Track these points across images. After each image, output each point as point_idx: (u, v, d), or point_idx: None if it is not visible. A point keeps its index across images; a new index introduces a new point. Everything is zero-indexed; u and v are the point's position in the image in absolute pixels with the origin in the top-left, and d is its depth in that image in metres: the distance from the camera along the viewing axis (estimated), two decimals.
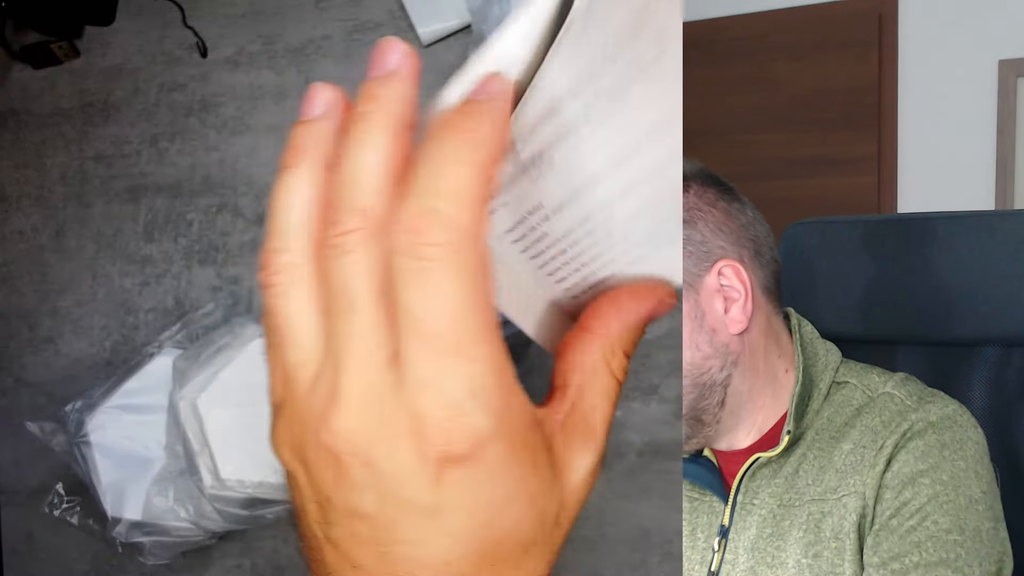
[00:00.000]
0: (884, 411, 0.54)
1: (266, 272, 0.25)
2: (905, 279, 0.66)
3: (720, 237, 0.54)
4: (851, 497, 0.52)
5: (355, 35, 0.82)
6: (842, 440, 0.54)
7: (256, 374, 0.67)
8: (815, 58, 1.65)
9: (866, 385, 0.56)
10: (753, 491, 0.55)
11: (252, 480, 0.64)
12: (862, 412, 0.55)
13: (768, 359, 0.56)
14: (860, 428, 0.54)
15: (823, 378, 0.56)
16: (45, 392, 0.75)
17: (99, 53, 0.82)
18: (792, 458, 0.55)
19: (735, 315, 0.54)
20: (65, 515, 0.68)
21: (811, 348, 0.57)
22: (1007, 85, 1.52)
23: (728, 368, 0.54)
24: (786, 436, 0.54)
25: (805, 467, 0.54)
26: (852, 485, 0.52)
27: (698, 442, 0.56)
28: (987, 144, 1.55)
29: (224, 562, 0.71)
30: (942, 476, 0.50)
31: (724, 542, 0.55)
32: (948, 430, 0.52)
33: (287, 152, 0.26)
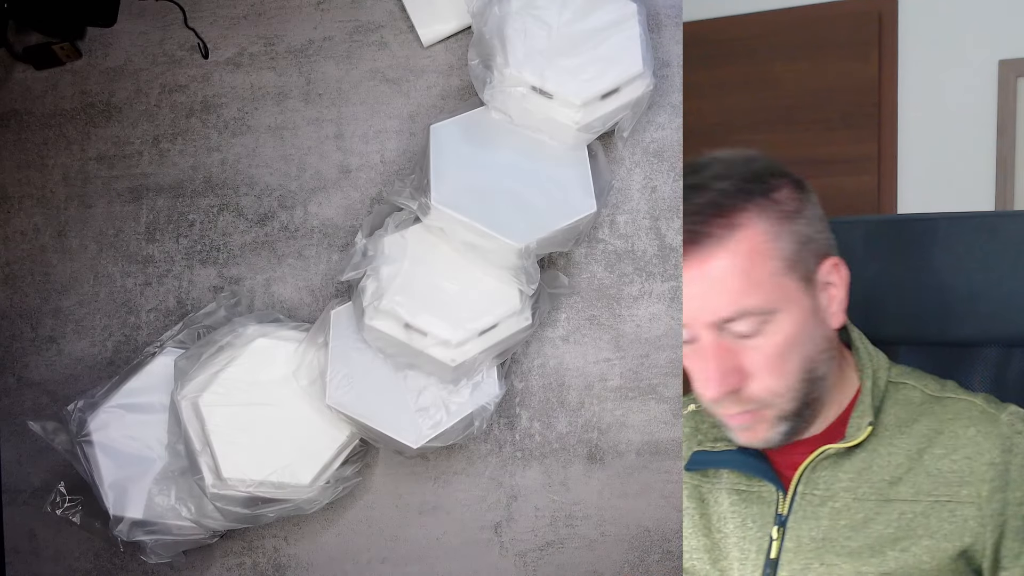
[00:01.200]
0: (973, 420, 0.54)
1: None
2: (906, 279, 0.66)
3: (822, 233, 0.54)
4: (961, 505, 0.52)
5: (356, 36, 0.82)
6: (932, 443, 0.54)
7: (257, 373, 0.67)
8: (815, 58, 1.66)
9: (924, 385, 0.56)
10: (815, 482, 0.55)
11: (253, 479, 0.64)
12: (935, 413, 0.55)
13: (844, 354, 0.57)
14: (950, 435, 0.54)
15: (880, 376, 0.57)
16: (47, 391, 0.75)
17: (101, 54, 0.82)
18: (861, 452, 0.55)
19: (836, 310, 0.54)
20: (67, 514, 0.69)
21: (866, 348, 0.58)
22: (1007, 85, 1.52)
23: (829, 362, 0.54)
24: (868, 427, 0.54)
25: (879, 463, 0.54)
26: (967, 495, 0.52)
27: (796, 437, 0.55)
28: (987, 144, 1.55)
29: (225, 560, 0.71)
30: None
31: (783, 531, 0.55)
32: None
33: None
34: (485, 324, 0.66)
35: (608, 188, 0.76)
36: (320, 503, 0.66)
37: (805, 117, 1.65)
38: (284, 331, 0.70)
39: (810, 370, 0.53)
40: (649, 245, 0.76)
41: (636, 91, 0.72)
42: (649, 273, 0.75)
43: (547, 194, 0.70)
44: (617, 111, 0.72)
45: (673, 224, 0.77)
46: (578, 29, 0.72)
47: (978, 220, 0.64)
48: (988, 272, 0.64)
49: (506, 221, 0.66)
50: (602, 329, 0.75)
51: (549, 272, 0.72)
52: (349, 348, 0.67)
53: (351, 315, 0.68)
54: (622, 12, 0.73)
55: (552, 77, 0.70)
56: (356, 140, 0.79)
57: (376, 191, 0.78)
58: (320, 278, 0.76)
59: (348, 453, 0.68)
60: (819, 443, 0.55)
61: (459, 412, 0.66)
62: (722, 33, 1.71)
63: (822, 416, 0.56)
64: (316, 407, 0.67)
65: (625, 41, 0.72)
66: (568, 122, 0.71)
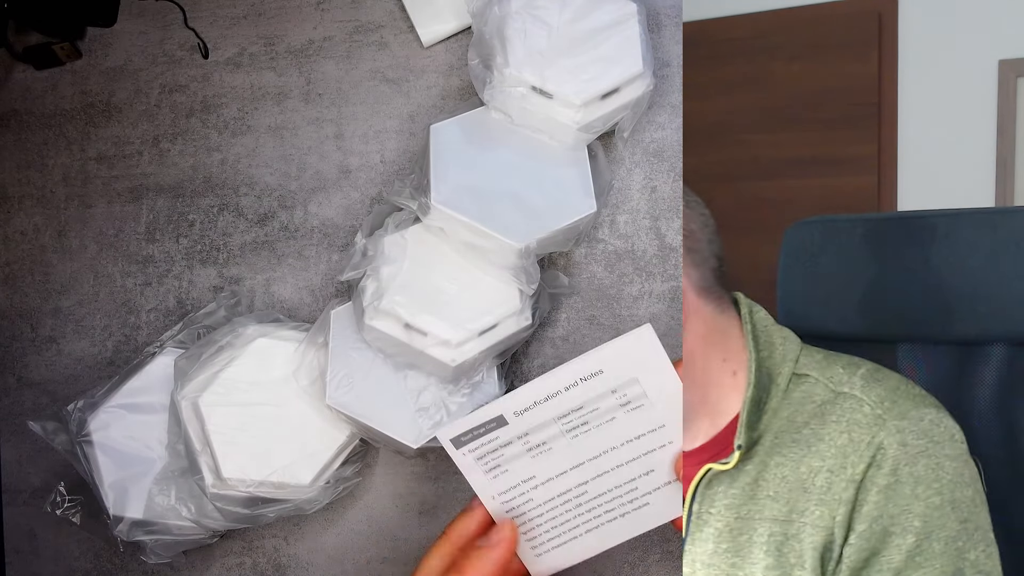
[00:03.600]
0: (852, 424, 0.47)
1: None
2: (906, 278, 0.66)
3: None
4: (817, 530, 0.46)
5: (356, 36, 0.82)
6: (809, 453, 0.48)
7: (257, 373, 0.67)
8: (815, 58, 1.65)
9: (828, 378, 0.50)
10: (710, 499, 0.50)
11: (253, 479, 0.64)
12: (825, 415, 0.48)
13: (708, 367, 0.50)
14: (828, 442, 0.47)
15: (781, 371, 0.50)
16: (47, 391, 0.75)
17: (101, 54, 0.82)
18: (751, 465, 0.49)
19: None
20: (67, 514, 0.69)
21: (765, 339, 0.51)
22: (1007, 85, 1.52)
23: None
24: (738, 451, 0.48)
25: (767, 476, 0.48)
26: (819, 517, 0.47)
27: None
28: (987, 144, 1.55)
29: (225, 561, 0.71)
30: (914, 523, 0.45)
31: (682, 553, 0.51)
32: (922, 456, 0.46)
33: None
34: (485, 324, 0.66)
35: (608, 188, 0.76)
36: (320, 503, 0.66)
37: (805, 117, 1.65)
38: (284, 331, 0.70)
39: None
40: (649, 245, 0.76)
41: (636, 91, 0.72)
42: (649, 273, 0.75)
43: (547, 194, 0.70)
44: (617, 111, 0.72)
45: (673, 224, 0.77)
46: (578, 29, 0.72)
47: (978, 217, 0.64)
48: (989, 269, 0.63)
49: (506, 221, 0.66)
50: (602, 329, 0.75)
51: (549, 272, 0.72)
52: (349, 348, 0.67)
53: (351, 315, 0.68)
54: (622, 12, 0.73)
55: (552, 77, 0.70)
56: (356, 140, 0.79)
57: (376, 191, 0.78)
58: (320, 278, 0.76)
59: (348, 453, 0.68)
60: (708, 453, 0.50)
61: (459, 412, 0.66)
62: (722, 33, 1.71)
63: (689, 432, 0.51)
64: (316, 407, 0.67)
65: (625, 41, 0.72)
66: (568, 122, 0.71)
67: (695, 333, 0.50)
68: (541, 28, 0.71)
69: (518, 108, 0.71)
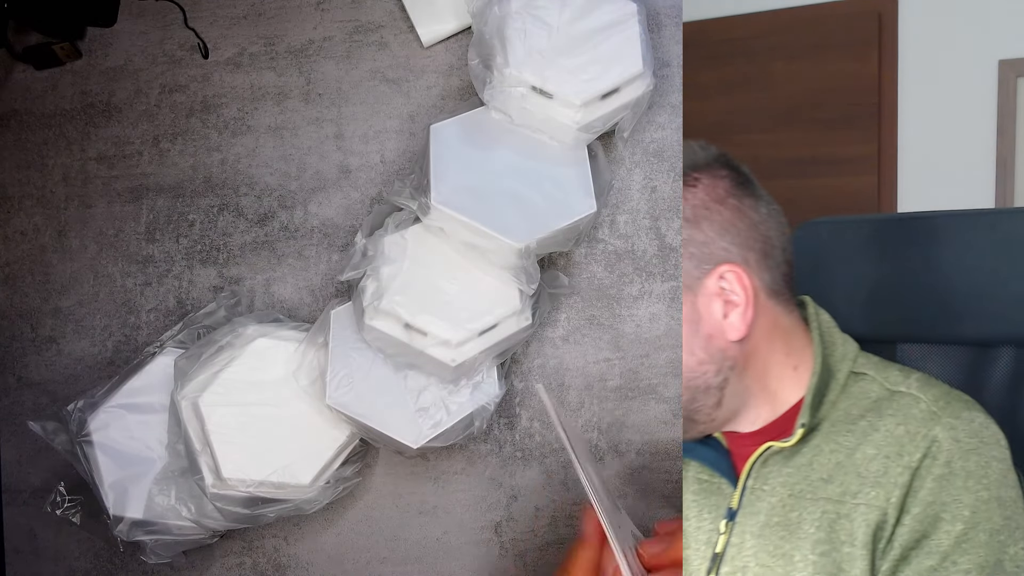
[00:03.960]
0: (909, 418, 0.52)
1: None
2: (911, 278, 0.66)
3: (725, 238, 0.51)
4: (871, 510, 0.50)
5: (356, 36, 0.82)
6: (864, 441, 0.52)
7: (257, 373, 0.67)
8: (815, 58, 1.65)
9: (884, 377, 0.54)
10: (764, 476, 0.54)
11: (253, 479, 0.64)
12: (882, 409, 0.53)
13: (770, 361, 0.54)
14: (884, 432, 0.52)
15: (841, 368, 0.54)
16: (47, 391, 0.75)
17: (101, 54, 0.82)
18: (806, 448, 0.53)
19: (734, 322, 0.51)
20: (67, 514, 0.69)
21: (829, 338, 0.55)
22: (1007, 85, 1.52)
23: (724, 373, 0.52)
24: (800, 429, 0.52)
25: (820, 460, 0.53)
26: (874, 498, 0.51)
27: (691, 436, 0.55)
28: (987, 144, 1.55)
29: (225, 560, 0.71)
30: (964, 512, 0.49)
31: (731, 525, 0.54)
32: (973, 454, 0.50)
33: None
34: (485, 324, 0.66)
35: (608, 188, 0.76)
36: (320, 503, 0.66)
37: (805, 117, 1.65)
38: (284, 331, 0.70)
39: (687, 379, 0.52)
40: (649, 245, 0.76)
41: (636, 91, 0.72)
42: (649, 273, 0.75)
43: (547, 194, 0.70)
44: (617, 111, 0.72)
45: (673, 224, 0.77)
46: (578, 29, 0.72)
47: (981, 218, 0.64)
48: (993, 270, 0.63)
49: (506, 221, 0.66)
50: (602, 329, 0.75)
51: (549, 272, 0.72)
52: (349, 348, 0.67)
53: (351, 315, 0.68)
54: (622, 12, 0.73)
55: (552, 77, 0.70)
56: (356, 140, 0.79)
57: (376, 191, 0.78)
58: (320, 278, 0.76)
59: (348, 453, 0.68)
60: (769, 435, 0.54)
61: (459, 412, 0.66)
62: (722, 33, 1.71)
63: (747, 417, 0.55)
64: (316, 407, 0.67)
65: (625, 41, 0.72)
66: (568, 122, 0.71)
67: (762, 329, 0.53)
68: (541, 28, 0.71)
69: (518, 108, 0.71)
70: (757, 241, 0.52)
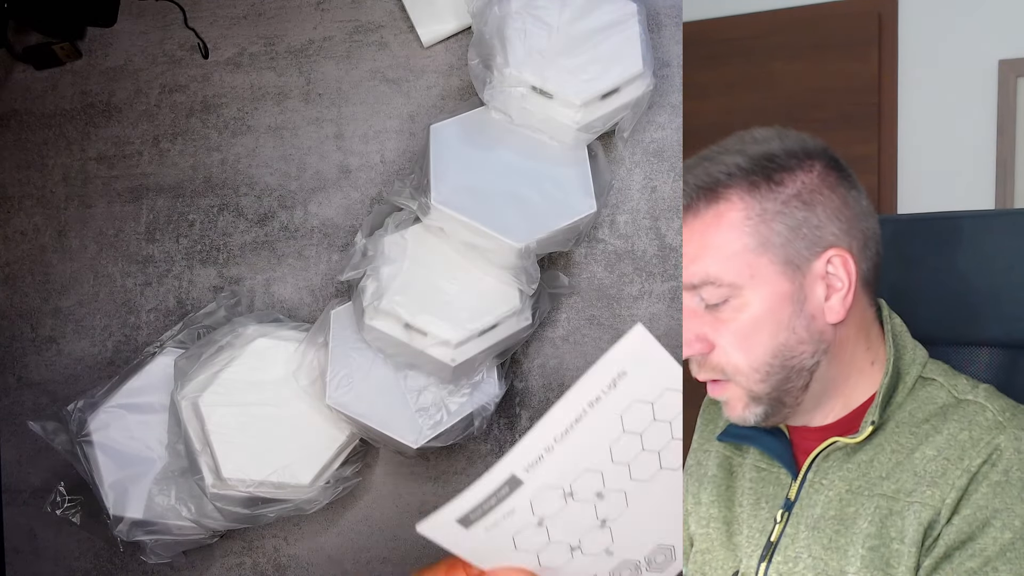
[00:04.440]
0: (974, 424, 0.52)
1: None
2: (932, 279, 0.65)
3: (835, 224, 0.52)
4: (925, 508, 0.51)
5: (356, 36, 0.82)
6: (925, 442, 0.53)
7: (257, 373, 0.67)
8: (815, 58, 1.66)
9: (952, 385, 0.55)
10: (824, 471, 0.54)
11: (253, 479, 0.64)
12: (948, 415, 0.54)
13: (856, 351, 0.55)
14: (946, 435, 0.52)
15: (910, 372, 0.56)
16: (48, 392, 0.75)
17: (101, 54, 0.82)
18: (869, 446, 0.54)
19: (835, 305, 0.52)
20: (67, 514, 0.69)
21: (901, 341, 0.57)
22: (1007, 85, 1.52)
23: (819, 355, 0.53)
24: (870, 426, 0.53)
25: (881, 458, 0.53)
26: (929, 497, 0.51)
27: (775, 421, 0.55)
28: (987, 144, 1.55)
29: (225, 560, 0.71)
30: (1015, 522, 0.49)
31: (787, 515, 0.54)
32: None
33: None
34: (485, 324, 0.66)
35: (608, 188, 0.76)
36: (320, 503, 0.66)
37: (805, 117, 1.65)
38: (284, 331, 0.70)
39: (785, 357, 0.52)
40: (649, 245, 0.76)
41: (636, 91, 0.72)
42: (649, 273, 0.75)
43: (547, 194, 0.70)
44: (617, 111, 0.72)
45: (673, 224, 0.77)
46: (578, 29, 0.72)
47: (1004, 218, 0.63)
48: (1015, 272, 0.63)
49: (506, 221, 0.66)
50: (602, 329, 0.75)
51: (549, 272, 0.72)
52: (349, 348, 0.67)
53: (351, 315, 0.68)
54: (622, 12, 0.73)
55: (552, 77, 0.70)
56: (356, 140, 0.79)
57: (376, 191, 0.78)
58: (320, 278, 0.76)
59: (348, 453, 0.68)
60: (835, 431, 0.55)
61: (459, 412, 0.66)
62: (722, 33, 1.71)
63: (826, 407, 0.55)
64: (316, 407, 0.67)
65: (625, 41, 0.72)
66: (568, 122, 0.71)
67: (854, 317, 0.54)
68: (541, 28, 0.71)
69: (518, 108, 0.71)
70: (859, 231, 0.54)
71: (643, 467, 0.42)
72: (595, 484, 0.42)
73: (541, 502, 0.41)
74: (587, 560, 0.43)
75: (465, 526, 0.41)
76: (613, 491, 0.42)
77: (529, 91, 0.70)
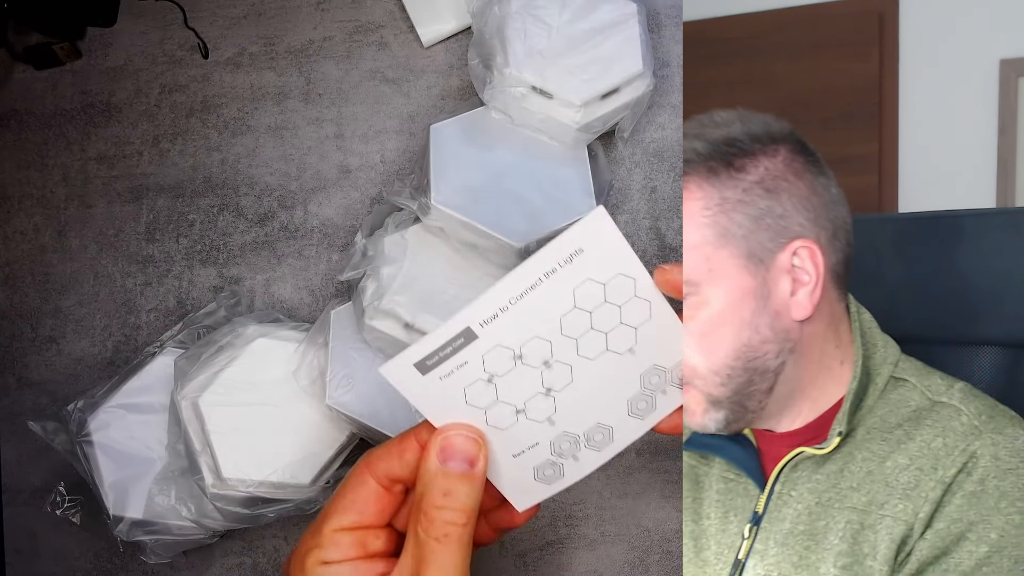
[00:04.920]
0: (948, 431, 0.48)
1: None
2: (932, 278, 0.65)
3: (801, 213, 0.48)
4: (898, 524, 0.48)
5: (356, 36, 0.82)
6: (897, 450, 0.49)
7: (257, 373, 0.67)
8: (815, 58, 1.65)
9: (926, 386, 0.51)
10: (793, 481, 0.51)
11: (253, 479, 0.64)
12: (921, 419, 0.50)
13: (825, 349, 0.51)
14: (920, 443, 0.49)
15: (881, 372, 0.51)
16: (47, 391, 0.75)
17: (101, 54, 0.82)
18: (839, 455, 0.50)
19: (801, 300, 0.49)
20: (67, 514, 0.69)
21: (870, 339, 0.52)
22: (1008, 85, 1.52)
23: (784, 355, 0.49)
24: (836, 437, 0.49)
25: (852, 468, 0.50)
26: (902, 511, 0.48)
27: (737, 427, 0.51)
28: (988, 144, 1.55)
29: (225, 561, 0.71)
30: (991, 534, 0.46)
31: (756, 530, 0.51)
32: (1012, 473, 0.47)
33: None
34: None
35: (608, 188, 0.76)
36: (320, 503, 0.66)
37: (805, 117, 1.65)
38: (284, 331, 0.70)
39: (748, 358, 0.49)
40: (649, 245, 0.76)
41: (636, 91, 0.72)
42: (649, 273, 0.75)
43: (547, 194, 0.70)
44: (617, 111, 0.72)
45: (673, 224, 0.77)
46: (578, 29, 0.72)
47: (1005, 217, 0.63)
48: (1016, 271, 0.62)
49: (506, 221, 0.66)
50: None
51: None
52: (349, 348, 0.67)
53: (351, 315, 0.68)
54: (622, 12, 0.73)
55: (552, 77, 0.70)
56: (356, 140, 0.79)
57: (376, 191, 0.78)
58: (320, 278, 0.76)
59: (348, 453, 0.68)
60: (803, 437, 0.52)
61: None
62: (722, 33, 1.71)
63: (793, 410, 0.52)
64: (316, 407, 0.67)
65: (625, 41, 0.72)
66: (568, 122, 0.71)
67: (822, 313, 0.50)
68: (541, 28, 0.71)
69: (518, 108, 0.71)
70: (828, 221, 0.50)
71: (590, 345, 0.44)
72: (543, 352, 0.43)
73: (492, 360, 0.43)
74: (530, 425, 0.45)
75: (422, 372, 0.43)
76: (560, 363, 0.44)
77: (529, 91, 0.70)
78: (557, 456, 0.45)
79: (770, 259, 0.48)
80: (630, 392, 0.46)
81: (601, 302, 0.44)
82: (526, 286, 0.42)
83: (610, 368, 0.45)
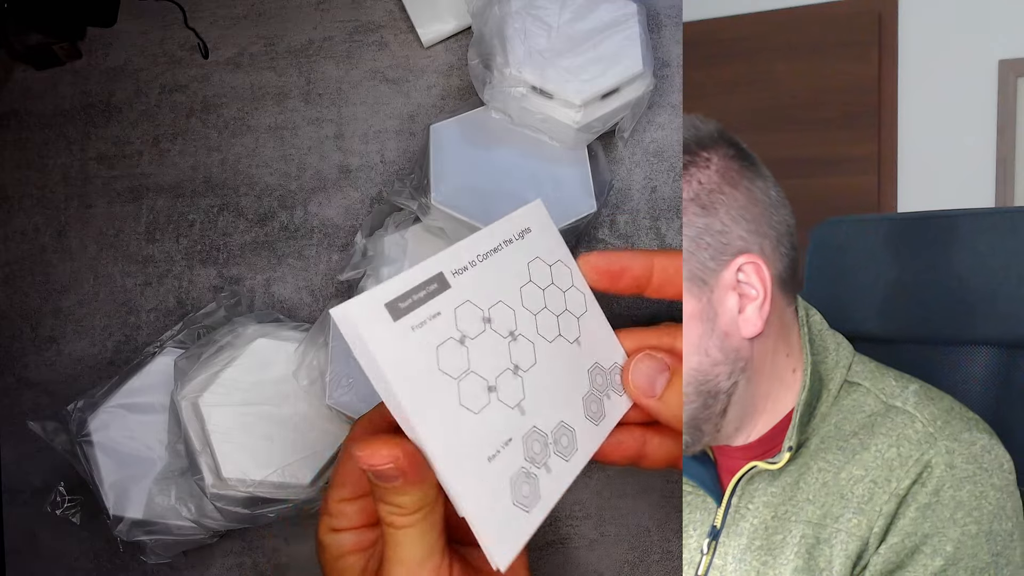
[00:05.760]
0: (902, 439, 0.47)
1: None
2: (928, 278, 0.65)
3: (741, 225, 0.46)
4: (852, 539, 0.46)
5: (356, 36, 0.82)
6: (852, 461, 0.48)
7: (257, 373, 0.67)
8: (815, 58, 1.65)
9: (880, 390, 0.49)
10: (750, 494, 0.50)
11: (253, 479, 0.64)
12: (875, 426, 0.48)
13: (776, 361, 0.50)
14: (874, 452, 0.47)
15: (833, 377, 0.50)
16: (47, 392, 0.75)
17: (101, 54, 0.82)
18: (793, 467, 0.49)
19: (750, 316, 0.47)
20: (67, 514, 0.69)
21: (820, 342, 0.50)
22: (1007, 85, 1.52)
23: (736, 375, 0.48)
24: (787, 452, 0.48)
25: (807, 479, 0.48)
26: (856, 526, 0.46)
27: (696, 449, 0.50)
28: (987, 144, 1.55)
29: (225, 560, 0.71)
30: (946, 547, 0.44)
31: (715, 544, 0.50)
32: (968, 482, 0.45)
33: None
34: None
35: (608, 188, 0.76)
36: (320, 503, 0.66)
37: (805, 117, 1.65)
38: (284, 331, 0.70)
39: (699, 383, 0.47)
40: (649, 245, 0.76)
41: (636, 91, 0.72)
42: None
43: (547, 194, 0.70)
44: (617, 111, 0.72)
45: (673, 224, 0.77)
46: (578, 29, 0.72)
47: (999, 217, 0.63)
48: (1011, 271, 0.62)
49: None
50: None
51: None
52: (349, 348, 0.67)
53: None
54: (622, 12, 0.73)
55: (552, 77, 0.70)
56: (356, 140, 0.79)
57: (376, 191, 0.78)
58: (320, 278, 0.76)
59: None
60: (758, 450, 0.50)
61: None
62: (722, 33, 1.71)
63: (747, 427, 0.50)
64: (316, 407, 0.67)
65: (625, 41, 0.72)
66: (568, 122, 0.71)
67: (772, 326, 0.49)
68: (541, 28, 0.71)
69: (518, 108, 0.71)
70: (771, 228, 0.48)
71: (546, 325, 0.45)
72: (509, 321, 0.43)
73: (463, 318, 0.41)
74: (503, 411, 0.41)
75: (394, 317, 0.39)
76: (523, 337, 0.43)
77: (529, 91, 0.70)
78: (531, 464, 0.41)
79: (714, 279, 0.47)
80: (583, 388, 0.45)
81: (549, 283, 0.45)
82: (491, 246, 0.43)
83: (564, 355, 0.44)
